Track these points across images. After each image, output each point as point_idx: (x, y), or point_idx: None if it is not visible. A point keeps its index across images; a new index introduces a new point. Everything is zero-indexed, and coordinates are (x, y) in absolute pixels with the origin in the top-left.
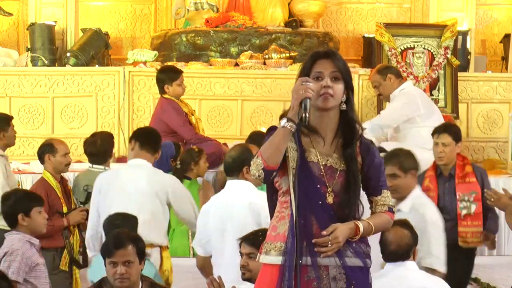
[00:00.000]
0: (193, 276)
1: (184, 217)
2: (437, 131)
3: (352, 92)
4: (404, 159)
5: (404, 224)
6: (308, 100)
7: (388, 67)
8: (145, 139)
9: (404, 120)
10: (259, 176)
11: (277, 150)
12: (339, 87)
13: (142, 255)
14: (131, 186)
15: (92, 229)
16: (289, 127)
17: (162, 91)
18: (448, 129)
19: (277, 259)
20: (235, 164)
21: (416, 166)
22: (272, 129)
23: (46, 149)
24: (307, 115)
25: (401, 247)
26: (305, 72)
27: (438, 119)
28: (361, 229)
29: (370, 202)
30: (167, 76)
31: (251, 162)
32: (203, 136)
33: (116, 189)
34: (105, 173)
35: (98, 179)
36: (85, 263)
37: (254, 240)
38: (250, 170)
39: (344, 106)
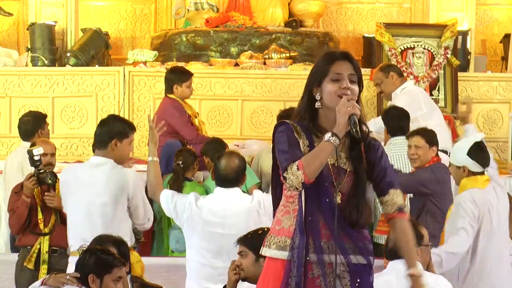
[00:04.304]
0: (165, 275)
1: None
2: (410, 134)
3: (361, 93)
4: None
5: None
6: (355, 116)
7: (390, 65)
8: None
9: None
10: (296, 188)
11: (320, 165)
12: (356, 90)
13: (125, 257)
14: None
15: None
16: (333, 142)
17: (169, 91)
18: (422, 132)
19: (280, 254)
20: (238, 175)
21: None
22: (281, 124)
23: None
24: (358, 129)
25: None
26: (322, 73)
27: (439, 118)
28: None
29: (380, 202)
30: (178, 76)
31: (289, 171)
32: (205, 136)
33: None
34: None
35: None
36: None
37: (245, 239)
38: (287, 179)
39: None
